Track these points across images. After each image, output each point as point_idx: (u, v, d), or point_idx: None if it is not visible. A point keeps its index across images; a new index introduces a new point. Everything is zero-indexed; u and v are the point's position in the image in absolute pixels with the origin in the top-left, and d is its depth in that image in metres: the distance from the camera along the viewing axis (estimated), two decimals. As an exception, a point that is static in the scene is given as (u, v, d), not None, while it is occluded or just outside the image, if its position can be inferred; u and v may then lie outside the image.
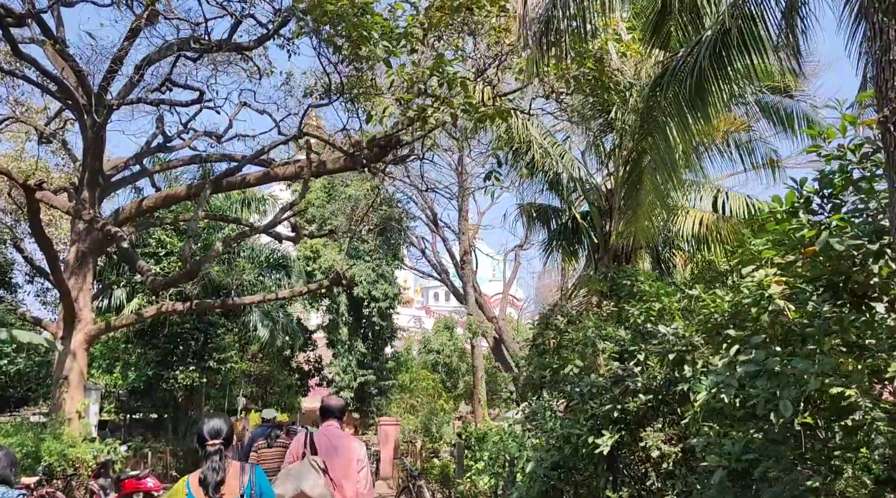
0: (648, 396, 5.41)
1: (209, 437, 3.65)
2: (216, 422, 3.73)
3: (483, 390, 27.68)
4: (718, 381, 4.24)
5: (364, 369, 27.92)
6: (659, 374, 5.42)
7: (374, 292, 27.52)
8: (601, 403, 5.79)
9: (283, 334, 20.80)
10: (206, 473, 3.56)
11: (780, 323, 4.13)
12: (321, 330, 30.04)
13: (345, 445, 5.13)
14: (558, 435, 6.18)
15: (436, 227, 29.46)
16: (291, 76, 18.00)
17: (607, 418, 5.83)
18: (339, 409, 5.43)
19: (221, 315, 19.69)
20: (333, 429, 5.23)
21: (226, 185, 14.34)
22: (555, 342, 7.93)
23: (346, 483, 4.92)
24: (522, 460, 6.84)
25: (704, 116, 8.69)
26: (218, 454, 3.61)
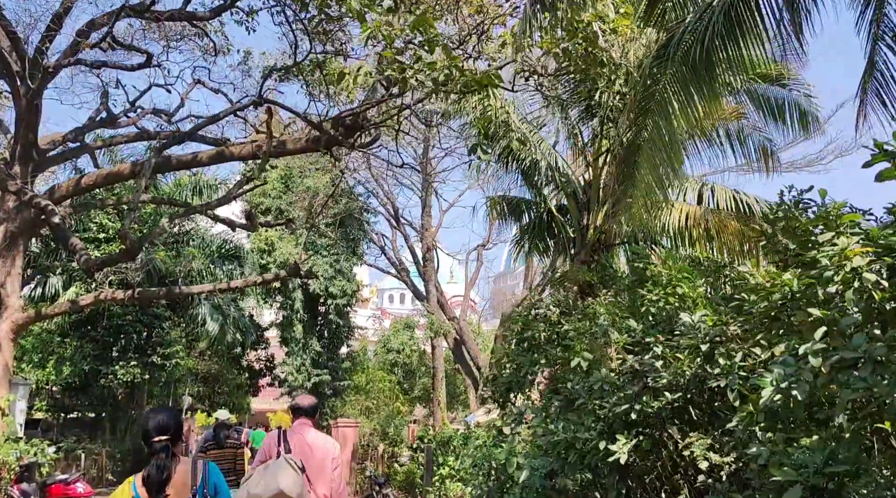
0: (676, 394, 4.54)
1: (154, 433, 3.46)
2: (162, 416, 3.56)
3: (443, 393, 26.73)
4: (789, 373, 3.38)
5: (319, 369, 26.70)
6: (688, 369, 4.55)
7: (331, 289, 26.35)
8: (615, 403, 4.90)
9: (234, 329, 19.52)
10: (151, 471, 3.38)
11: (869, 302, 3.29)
12: (274, 327, 28.73)
13: (319, 444, 5.11)
14: (559, 440, 5.28)
15: (397, 222, 28.47)
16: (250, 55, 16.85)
17: (621, 421, 4.95)
18: (311, 407, 5.37)
19: (167, 307, 18.34)
20: (306, 427, 5.19)
21: (175, 163, 13.11)
22: (545, 335, 7.04)
23: (320, 482, 4.92)
24: (512, 468, 5.91)
25: (710, 91, 7.95)
26: (164, 451, 3.42)
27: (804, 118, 11.44)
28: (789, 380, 3.38)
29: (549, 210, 14.71)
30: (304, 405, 5.34)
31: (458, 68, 7.27)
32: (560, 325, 6.96)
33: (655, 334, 5.31)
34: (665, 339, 5.15)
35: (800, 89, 11.40)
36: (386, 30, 7.36)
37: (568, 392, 5.69)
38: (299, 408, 5.33)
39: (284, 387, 27.31)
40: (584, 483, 5.50)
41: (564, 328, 6.89)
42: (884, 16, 8.55)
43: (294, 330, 26.28)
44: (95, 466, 17.32)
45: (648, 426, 4.89)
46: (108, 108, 14.62)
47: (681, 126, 8.26)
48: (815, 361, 3.33)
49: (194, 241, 19.17)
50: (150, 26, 14.34)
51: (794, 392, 3.34)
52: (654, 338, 5.22)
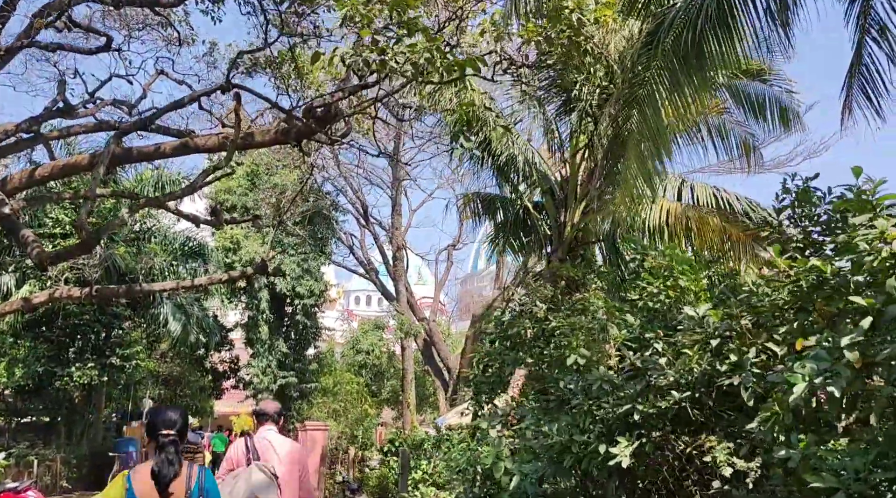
0: (684, 393, 4.19)
1: (163, 427, 3.45)
2: (171, 413, 3.57)
3: (412, 395, 26.28)
4: (823, 369, 3.05)
5: (285, 371, 26.06)
6: (696, 366, 4.21)
7: (298, 288, 25.73)
8: (615, 403, 4.54)
9: (197, 330, 18.82)
10: (161, 465, 3.34)
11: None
12: (239, 328, 27.99)
13: (286, 449, 5.05)
14: (553, 443, 4.90)
15: (366, 221, 27.96)
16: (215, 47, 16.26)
17: (621, 422, 4.60)
18: (276, 413, 5.32)
19: (127, 306, 17.60)
20: (273, 433, 5.12)
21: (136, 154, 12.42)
22: (532, 333, 6.67)
23: (290, 488, 4.87)
24: (500, 473, 5.52)
25: (700, 79, 7.67)
26: (174, 445, 3.41)
27: (785, 114, 11.28)
28: (824, 375, 3.05)
29: (525, 207, 14.38)
30: (269, 411, 5.29)
31: (439, 50, 6.86)
32: (547, 321, 6.60)
33: (655, 329, 4.98)
34: (666, 334, 4.82)
35: (781, 85, 11.24)
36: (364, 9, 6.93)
37: (561, 392, 5.32)
38: (264, 413, 5.28)
39: (249, 389, 26.61)
40: (577, 489, 5.13)
41: (552, 325, 6.53)
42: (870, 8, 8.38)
43: (260, 331, 25.60)
44: (49, 472, 16.50)
45: (651, 428, 4.54)
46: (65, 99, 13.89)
47: (668, 116, 7.98)
48: (852, 355, 3.01)
49: (156, 238, 18.45)
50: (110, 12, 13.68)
51: (831, 388, 3.01)
52: (654, 333, 4.89)
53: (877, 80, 8.67)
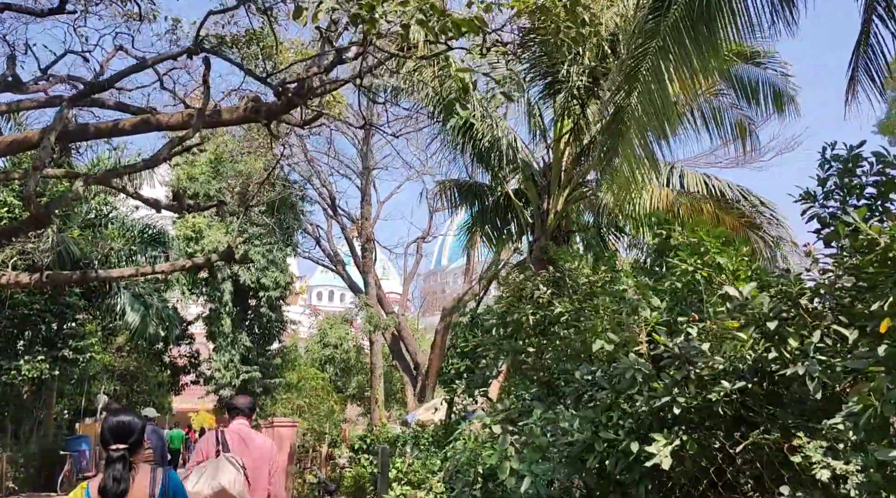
0: (736, 384, 3.62)
1: (112, 439, 3.25)
2: (123, 419, 3.34)
3: (381, 390, 25.57)
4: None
5: (248, 366, 25.13)
6: (749, 353, 3.65)
7: (263, 280, 24.81)
8: (650, 396, 3.96)
9: (157, 321, 17.83)
10: (106, 482, 3.19)
11: None
12: (201, 321, 26.94)
13: (257, 443, 5.07)
14: (574, 441, 4.31)
15: (334, 211, 27.13)
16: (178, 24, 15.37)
17: (655, 417, 4.02)
18: (248, 406, 5.28)
19: (81, 296, 16.55)
20: (244, 427, 5.10)
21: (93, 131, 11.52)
22: (534, 319, 6.07)
23: (259, 483, 4.86)
24: (505, 474, 4.91)
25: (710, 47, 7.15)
26: (121, 462, 3.22)
27: (779, 99, 10.90)
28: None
29: (506, 194, 13.81)
30: (241, 404, 5.27)
31: (434, 8, 6.21)
32: (551, 306, 6.00)
33: (686, 312, 4.41)
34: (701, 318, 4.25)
35: (776, 68, 10.85)
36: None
37: (577, 384, 4.72)
38: (236, 407, 5.25)
39: (211, 385, 25.63)
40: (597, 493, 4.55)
41: (556, 311, 5.94)
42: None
43: (222, 324, 24.62)
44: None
45: (692, 424, 3.97)
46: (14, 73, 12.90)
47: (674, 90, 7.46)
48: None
49: (113, 225, 17.40)
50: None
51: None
52: (689, 317, 4.32)
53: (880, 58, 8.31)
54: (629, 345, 4.27)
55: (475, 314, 17.97)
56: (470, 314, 18.06)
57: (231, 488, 4.47)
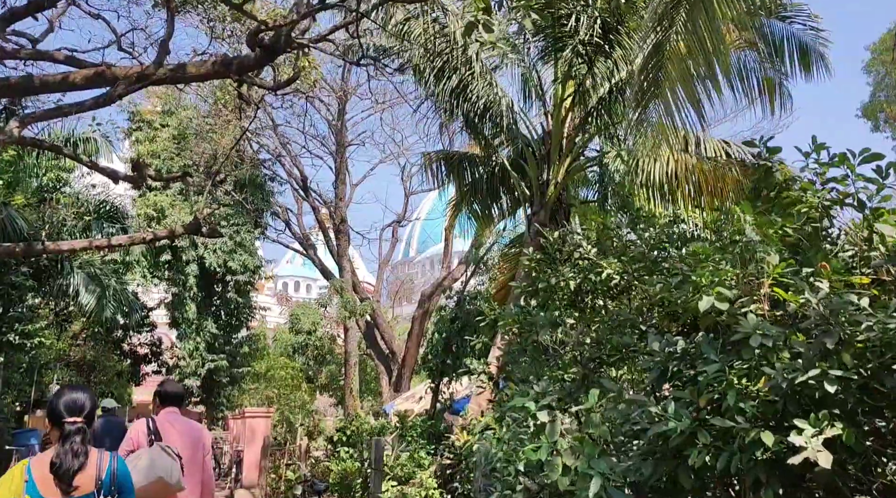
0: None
1: (67, 413, 3.11)
2: (78, 395, 3.21)
3: (356, 380, 24.36)
4: None
5: (214, 354, 23.71)
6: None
7: (230, 263, 23.39)
8: (786, 369, 2.90)
9: (114, 304, 16.37)
10: (63, 457, 2.99)
11: None
12: (163, 307, 25.42)
13: (187, 431, 5.02)
14: (666, 431, 3.24)
15: (305, 192, 25.72)
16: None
17: (794, 399, 2.97)
18: (178, 394, 5.30)
19: (30, 276, 15.05)
20: (174, 415, 5.08)
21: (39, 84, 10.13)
22: (575, 285, 4.99)
23: (192, 470, 4.81)
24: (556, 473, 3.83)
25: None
26: (80, 434, 3.07)
27: (806, 56, 9.95)
28: None
29: (499, 166, 12.72)
30: (172, 392, 5.24)
31: None
32: (598, 268, 4.92)
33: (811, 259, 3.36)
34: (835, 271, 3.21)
35: (804, 22, 9.89)
36: None
37: (662, 357, 3.65)
38: (167, 395, 5.20)
39: (174, 374, 24.13)
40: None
41: (606, 273, 4.87)
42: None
43: (186, 310, 23.16)
44: (-68, 470, 13.92)
45: (842, 407, 2.92)
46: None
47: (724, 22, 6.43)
48: None
49: (65, 197, 15.87)
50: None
51: None
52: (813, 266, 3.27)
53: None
54: (747, 302, 3.19)
55: (462, 296, 16.96)
56: (456, 296, 17.03)
57: (169, 478, 4.40)
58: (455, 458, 10.79)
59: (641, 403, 3.40)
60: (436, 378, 15.78)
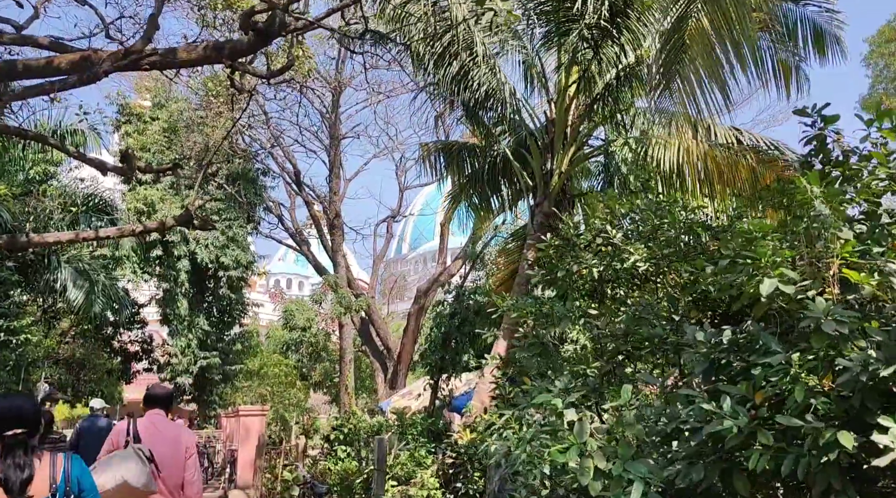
0: None
1: (6, 425, 2.99)
2: (16, 403, 3.15)
3: (351, 377, 23.97)
4: None
5: (207, 351, 23.27)
6: None
7: (223, 259, 22.95)
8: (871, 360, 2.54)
9: (103, 300, 15.90)
10: (8, 472, 2.95)
11: None
12: (154, 304, 24.93)
13: (170, 433, 5.02)
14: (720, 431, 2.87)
15: (298, 186, 25.24)
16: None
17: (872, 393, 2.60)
18: (164, 397, 5.30)
19: (16, 270, 14.56)
20: (158, 417, 5.08)
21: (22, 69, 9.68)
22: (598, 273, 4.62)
23: (173, 472, 4.82)
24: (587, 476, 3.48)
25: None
26: (21, 447, 3.00)
27: (821, 39, 9.60)
28: None
29: (501, 155, 12.34)
30: (159, 394, 5.28)
31: None
32: (625, 253, 4.55)
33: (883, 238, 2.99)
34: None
35: (819, 3, 9.53)
36: None
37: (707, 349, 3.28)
38: (154, 397, 5.24)
39: (166, 372, 23.69)
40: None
41: (633, 259, 4.50)
42: None
43: (178, 306, 22.70)
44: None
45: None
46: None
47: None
48: None
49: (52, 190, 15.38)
50: None
51: None
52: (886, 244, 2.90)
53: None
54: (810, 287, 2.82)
55: (461, 291, 16.56)
56: (454, 291, 16.64)
57: (135, 482, 4.35)
58: (458, 457, 10.44)
59: (688, 400, 3.02)
60: (435, 374, 15.42)
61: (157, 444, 4.72)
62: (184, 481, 4.89)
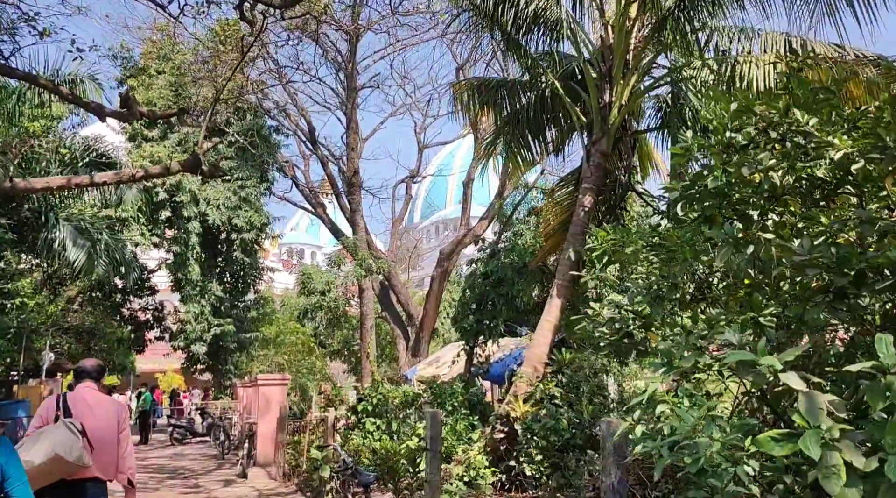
0: None
1: None
2: None
3: (373, 344, 22.71)
4: None
5: (221, 318, 22.05)
6: None
7: (235, 220, 21.60)
8: None
9: (106, 260, 14.56)
10: None
11: None
12: (164, 269, 23.69)
13: (103, 406, 4.89)
14: None
15: (313, 144, 23.74)
16: None
17: None
18: (95, 369, 5.08)
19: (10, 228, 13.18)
20: (89, 390, 4.94)
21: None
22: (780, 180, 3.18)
23: (106, 446, 4.72)
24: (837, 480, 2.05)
25: None
26: None
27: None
28: None
29: (549, 89, 10.81)
30: (89, 367, 5.06)
31: None
32: (825, 146, 3.11)
33: None
34: None
35: None
36: None
37: None
38: (83, 370, 5.03)
39: (179, 340, 22.51)
40: None
41: (840, 153, 3.07)
42: None
43: (189, 271, 21.43)
44: None
45: None
46: None
47: None
48: None
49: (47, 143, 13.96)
50: None
51: None
52: None
53: None
54: None
55: (496, 248, 15.17)
56: (489, 248, 15.22)
57: (67, 455, 4.28)
58: (509, 431, 9.15)
59: None
60: (470, 340, 14.12)
61: (89, 418, 4.61)
62: (120, 454, 4.78)
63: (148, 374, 31.79)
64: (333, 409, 10.81)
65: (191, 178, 20.26)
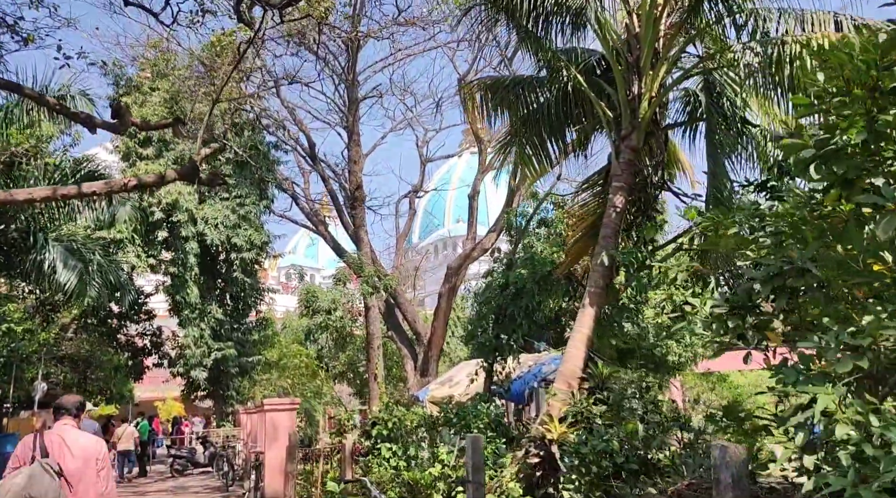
0: None
1: None
2: None
3: (381, 364, 21.80)
4: None
5: (221, 342, 21.15)
6: None
7: (234, 239, 20.79)
8: None
9: (99, 282, 13.71)
10: None
11: None
12: (162, 292, 22.83)
13: (80, 444, 4.80)
14: None
15: (313, 160, 22.99)
16: None
17: None
18: (74, 406, 5.03)
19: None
20: (67, 428, 4.86)
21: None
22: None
23: (84, 486, 4.65)
24: None
25: None
26: None
27: None
28: None
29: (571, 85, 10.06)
30: (67, 404, 5.00)
31: None
32: None
33: None
34: None
35: None
36: None
37: None
38: (61, 407, 4.97)
39: (178, 366, 21.59)
40: None
41: None
42: None
43: (188, 293, 20.58)
44: None
45: None
46: None
47: None
48: None
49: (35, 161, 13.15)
50: None
51: None
52: None
53: None
54: None
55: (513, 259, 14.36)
56: (506, 258, 14.41)
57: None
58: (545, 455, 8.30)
59: None
60: (488, 356, 13.26)
61: (67, 458, 4.55)
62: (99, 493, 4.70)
63: (147, 402, 30.79)
64: (349, 435, 9.92)
65: (188, 197, 19.51)
